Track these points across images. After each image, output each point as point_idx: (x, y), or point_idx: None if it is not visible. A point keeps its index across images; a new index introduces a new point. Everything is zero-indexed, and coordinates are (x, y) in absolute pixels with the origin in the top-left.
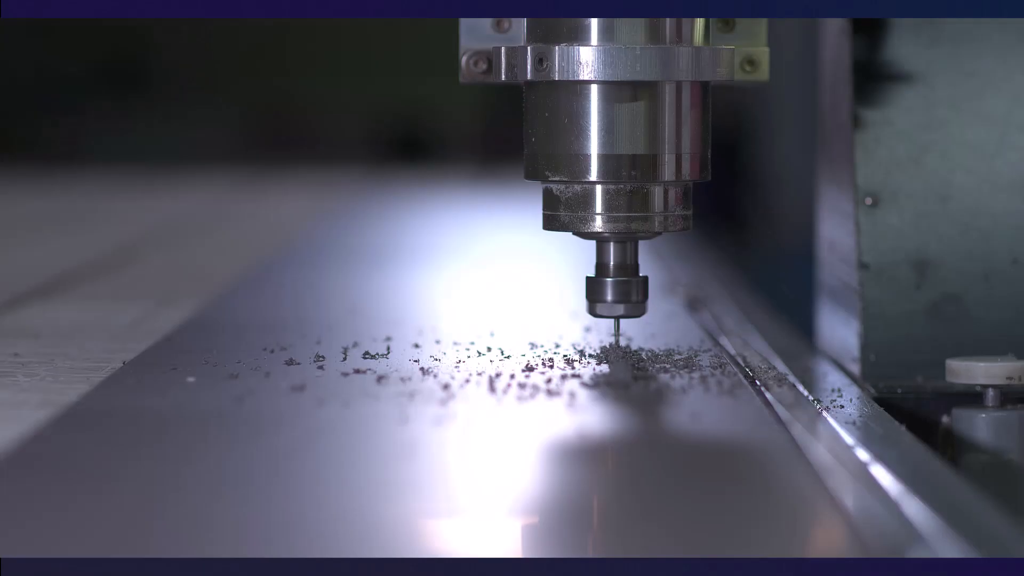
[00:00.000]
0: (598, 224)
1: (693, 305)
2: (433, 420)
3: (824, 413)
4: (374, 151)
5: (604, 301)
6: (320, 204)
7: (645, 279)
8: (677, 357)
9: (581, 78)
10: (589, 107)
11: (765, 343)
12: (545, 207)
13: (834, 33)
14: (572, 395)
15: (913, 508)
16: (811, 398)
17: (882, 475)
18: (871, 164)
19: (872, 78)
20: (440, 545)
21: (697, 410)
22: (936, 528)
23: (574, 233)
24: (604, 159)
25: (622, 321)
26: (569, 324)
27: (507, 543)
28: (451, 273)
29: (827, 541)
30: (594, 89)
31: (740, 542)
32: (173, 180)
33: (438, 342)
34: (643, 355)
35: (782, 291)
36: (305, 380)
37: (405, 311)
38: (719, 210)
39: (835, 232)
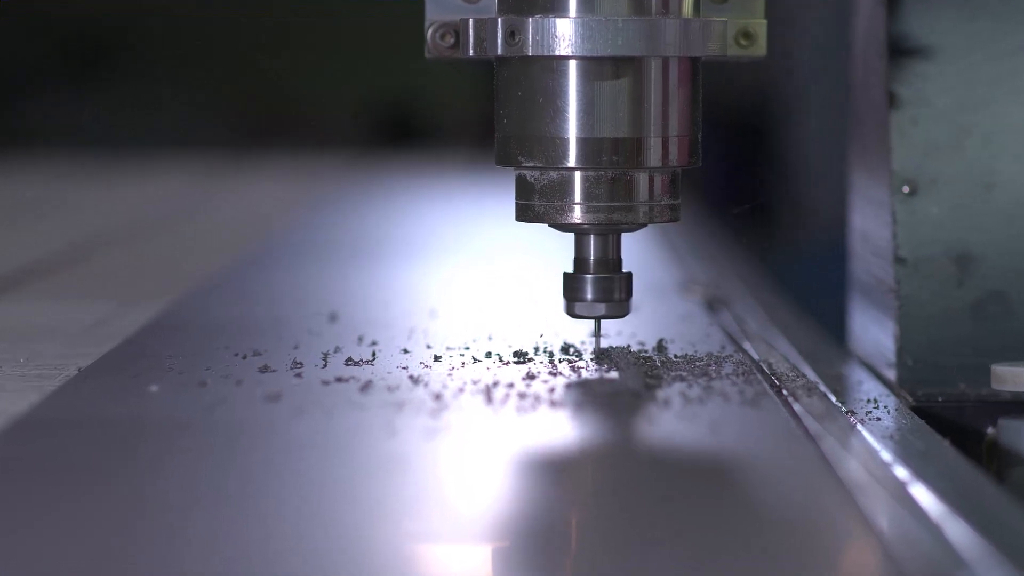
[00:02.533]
0: (576, 215)
1: (712, 305)
2: (424, 433)
3: (858, 426)
4: (361, 135)
5: (583, 300)
6: (300, 193)
7: (629, 276)
8: (694, 364)
9: (557, 53)
10: (566, 85)
11: (792, 347)
12: (518, 196)
13: (867, 4)
14: (578, 406)
15: (956, 531)
16: (843, 409)
17: (922, 494)
18: (907, 148)
19: (909, 53)
20: (432, 571)
21: (717, 423)
22: (982, 553)
23: (550, 225)
24: (583, 143)
25: (620, 323)
26: (575, 328)
27: (505, 570)
28: (445, 270)
29: (861, 569)
30: (572, 65)
31: (764, 571)
32: (136, 167)
33: (429, 347)
34: (657, 362)
35: (810, 289)
36: (281, 389)
37: (393, 312)
38: (740, 200)
39: (868, 223)
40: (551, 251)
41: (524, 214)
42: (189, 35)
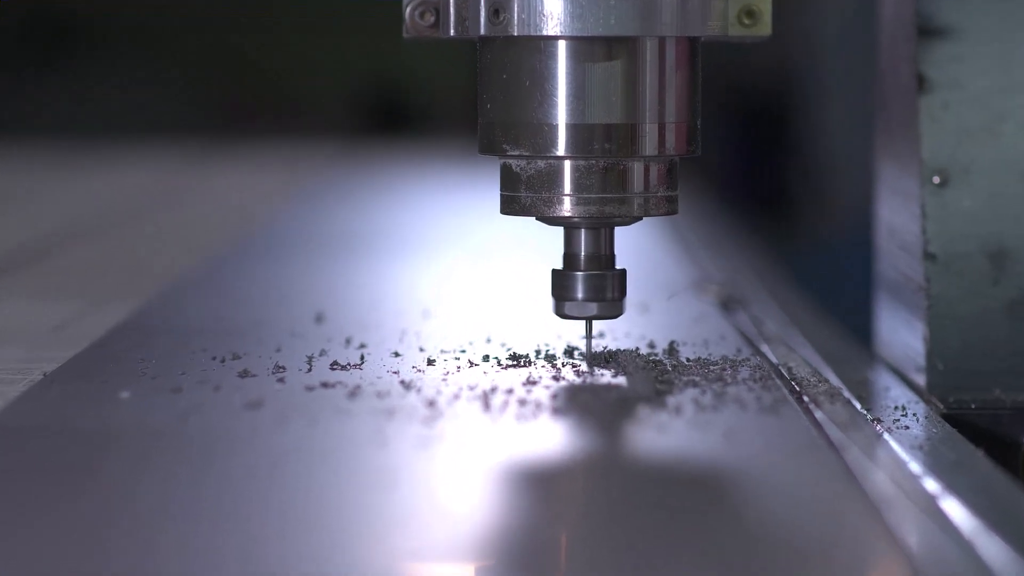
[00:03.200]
0: (566, 207)
1: (728, 305)
2: (416, 443)
3: (885, 435)
4: (350, 121)
5: (573, 299)
6: (284, 184)
7: (622, 273)
8: (708, 368)
9: (545, 33)
10: (555, 67)
11: (814, 350)
12: (503, 186)
13: None
14: (583, 414)
15: (990, 548)
16: (869, 417)
17: (954, 509)
18: (938, 135)
19: (939, 33)
20: None
21: (732, 432)
22: (1018, 572)
23: (537, 218)
24: (573, 129)
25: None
26: (580, 328)
27: None
28: (439, 267)
29: None
30: (561, 46)
31: None
32: (104, 156)
33: (422, 350)
34: (668, 366)
35: (833, 287)
36: (263, 395)
37: (383, 312)
38: (758, 191)
39: (896, 216)
40: (553, 246)
41: (509, 206)
42: (162, 12)
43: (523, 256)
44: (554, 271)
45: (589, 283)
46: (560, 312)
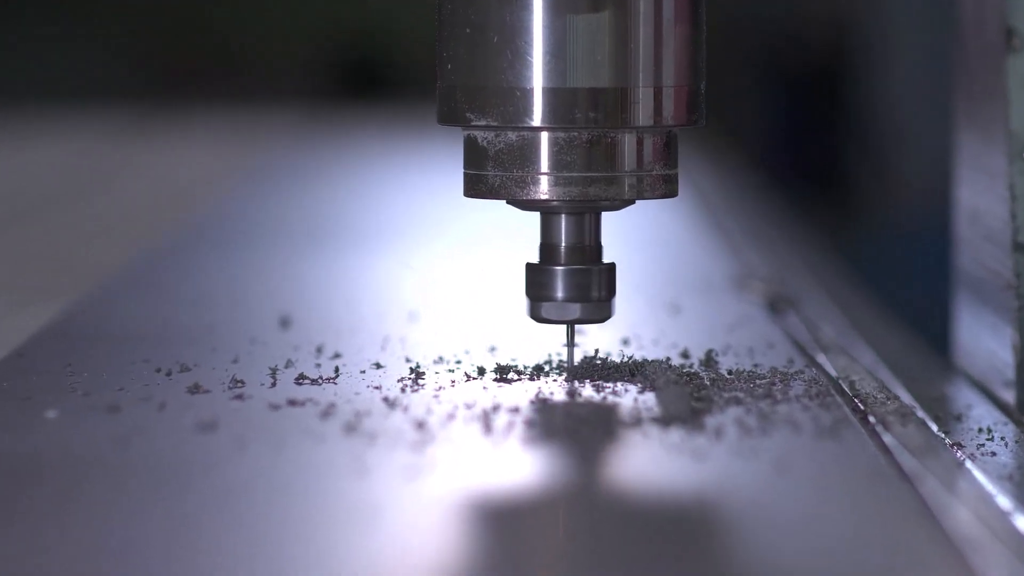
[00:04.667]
0: (543, 188)
1: (776, 306)
2: (403, 472)
3: (967, 463)
4: (316, 85)
5: (552, 299)
6: (237, 161)
7: (611, 268)
8: (754, 382)
9: None
10: (529, 20)
11: (880, 360)
12: (467, 163)
13: None
14: (602, 438)
15: None
16: (948, 441)
17: None
18: None
19: None
20: None
21: (784, 460)
22: None
23: (508, 202)
24: (551, 95)
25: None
26: (597, 333)
27: None
28: (426, 259)
29: None
30: None
31: None
32: (23, 127)
33: (409, 360)
34: (705, 379)
35: (902, 285)
36: (217, 415)
37: (361, 316)
38: (809, 168)
39: (978, 199)
40: None
41: (474, 187)
42: None
43: (526, 247)
44: (529, 266)
45: (571, 280)
46: (536, 315)
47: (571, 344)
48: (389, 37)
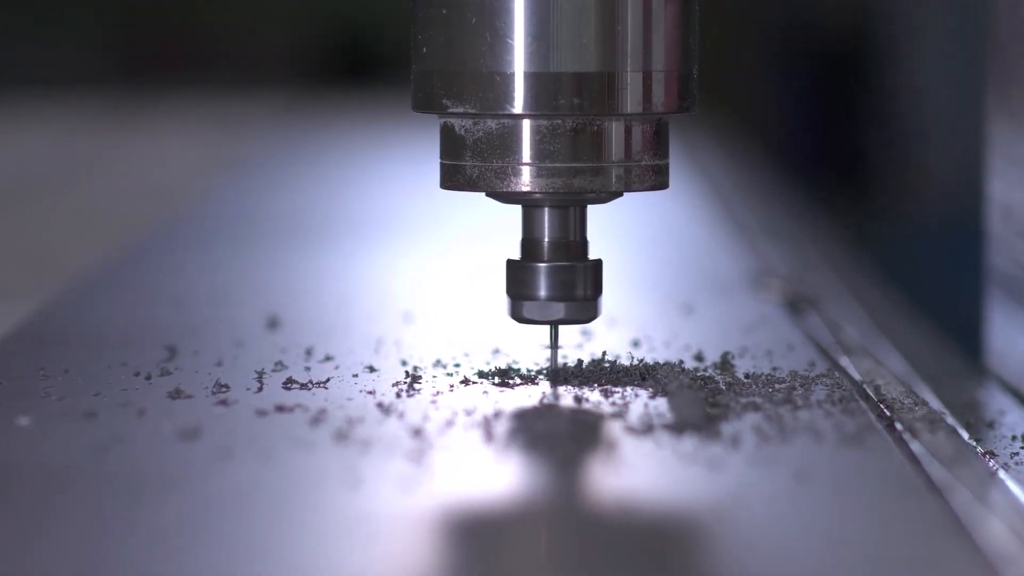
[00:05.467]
0: (524, 180)
1: (796, 306)
2: (399, 483)
3: (1001, 473)
4: (302, 70)
5: (534, 298)
6: (222, 149)
7: (597, 265)
8: (773, 386)
9: None
10: (510, 1)
11: (907, 363)
12: (444, 153)
13: None
14: (612, 446)
15: None
16: (980, 450)
17: None
18: None
19: None
20: None
21: (805, 470)
22: None
23: (488, 194)
24: (533, 79)
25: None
26: (606, 334)
27: None
28: (422, 256)
29: None
30: None
31: None
32: None
33: (404, 363)
34: (721, 384)
35: (930, 283)
36: (200, 422)
37: (352, 315)
38: (831, 160)
39: (1013, 193)
40: None
41: (451, 179)
42: None
43: None
44: (510, 262)
45: (554, 278)
46: (517, 315)
47: (555, 346)
48: (380, 18)
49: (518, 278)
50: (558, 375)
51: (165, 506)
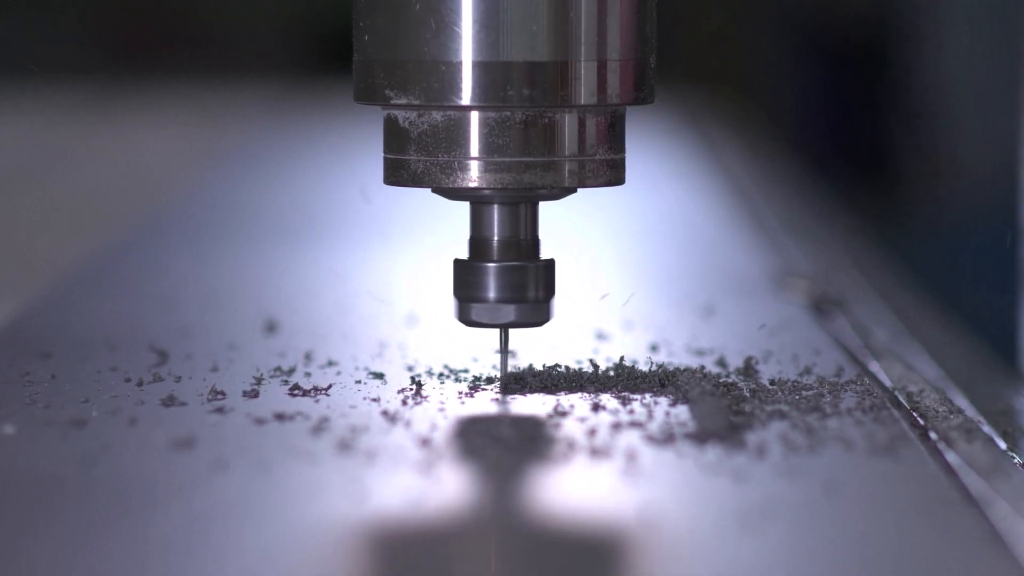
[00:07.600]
0: (472, 175)
1: (822, 308)
2: (405, 497)
3: None
4: (296, 57)
5: (483, 301)
6: (212, 141)
7: (549, 265)
8: (799, 393)
9: None
10: None
11: (939, 369)
12: (387, 147)
13: None
14: (631, 456)
15: None
16: (1018, 460)
17: None
18: None
19: None
20: None
21: (834, 481)
22: None
23: (434, 190)
24: (481, 69)
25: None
26: (622, 336)
27: None
28: (426, 254)
29: None
30: None
31: None
32: None
33: (411, 368)
34: (745, 391)
35: (963, 285)
36: (194, 430)
37: (354, 318)
38: (856, 154)
39: None
40: (579, 225)
41: (395, 174)
42: None
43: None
44: (457, 262)
45: (504, 279)
46: (465, 318)
47: (504, 351)
48: None
49: (465, 279)
50: (509, 382)
51: (157, 520)
